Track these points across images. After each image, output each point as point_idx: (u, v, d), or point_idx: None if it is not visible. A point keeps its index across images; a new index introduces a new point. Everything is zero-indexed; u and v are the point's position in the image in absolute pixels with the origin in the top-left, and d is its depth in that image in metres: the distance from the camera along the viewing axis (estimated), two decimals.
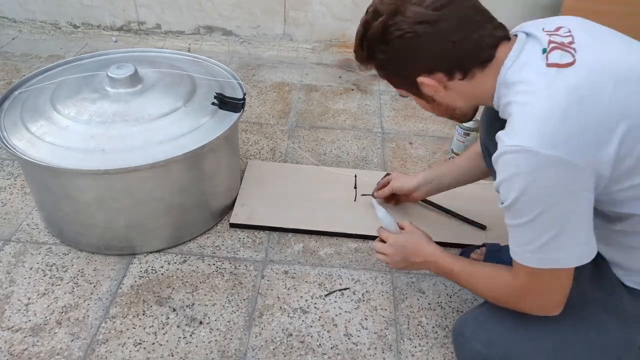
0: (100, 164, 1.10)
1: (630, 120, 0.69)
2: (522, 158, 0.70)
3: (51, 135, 1.16)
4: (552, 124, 0.69)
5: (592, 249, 0.76)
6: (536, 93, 0.72)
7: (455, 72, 0.80)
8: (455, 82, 0.82)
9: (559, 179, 0.69)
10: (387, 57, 0.82)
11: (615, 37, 0.80)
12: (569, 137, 0.68)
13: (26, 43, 2.32)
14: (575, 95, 0.70)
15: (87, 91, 1.25)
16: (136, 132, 1.17)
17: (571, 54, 0.73)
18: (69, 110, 1.20)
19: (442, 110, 0.90)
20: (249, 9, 2.27)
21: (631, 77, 0.72)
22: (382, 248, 1.07)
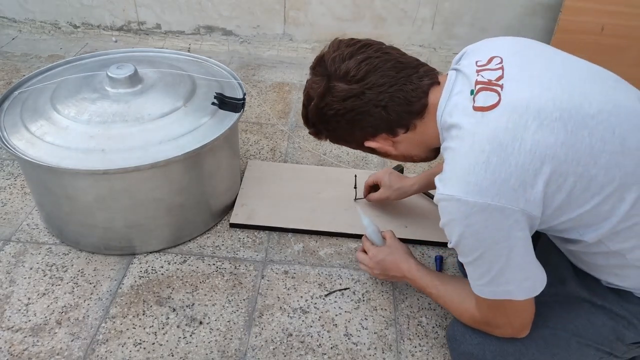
0: (100, 164, 1.10)
1: (555, 160, 0.71)
2: (453, 206, 0.75)
3: (51, 135, 1.16)
4: (477, 173, 0.72)
5: (537, 282, 0.80)
6: (463, 139, 0.76)
7: (396, 129, 0.86)
8: (401, 137, 0.87)
9: (490, 222, 0.73)
10: (331, 133, 0.91)
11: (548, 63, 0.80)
12: (493, 184, 0.71)
13: (26, 43, 2.33)
14: (497, 142, 0.72)
15: (87, 91, 1.25)
16: (136, 132, 1.17)
17: (497, 93, 0.76)
18: (68, 110, 1.20)
19: (402, 159, 0.95)
20: (249, 8, 2.27)
21: (554, 115, 0.72)
22: (363, 259, 1.13)
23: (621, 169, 0.73)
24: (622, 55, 2.04)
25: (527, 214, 0.73)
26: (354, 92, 0.82)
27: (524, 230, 0.74)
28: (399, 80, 0.82)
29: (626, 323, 0.84)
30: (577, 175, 0.72)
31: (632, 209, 0.74)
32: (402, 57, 0.85)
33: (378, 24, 2.28)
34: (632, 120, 0.75)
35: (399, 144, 0.89)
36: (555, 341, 0.86)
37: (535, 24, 2.21)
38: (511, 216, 0.72)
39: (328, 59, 0.84)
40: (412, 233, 1.35)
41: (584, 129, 0.72)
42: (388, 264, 1.07)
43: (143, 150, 1.14)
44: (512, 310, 0.83)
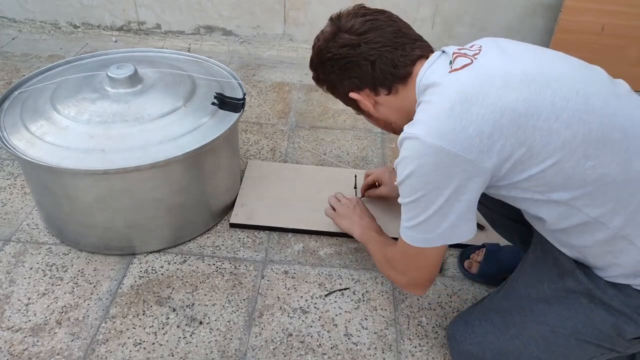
0: (100, 164, 1.10)
1: (515, 113, 0.74)
2: (412, 144, 0.79)
3: (51, 135, 1.16)
4: (440, 119, 0.77)
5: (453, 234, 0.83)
6: (434, 94, 0.81)
7: (379, 88, 0.91)
8: (383, 97, 0.92)
9: (440, 167, 0.77)
10: (326, 77, 0.96)
11: (522, 50, 0.86)
12: (452, 131, 0.76)
13: (26, 43, 2.33)
14: (463, 93, 0.77)
15: (87, 91, 1.25)
16: (136, 132, 1.17)
17: (470, 59, 0.82)
18: (68, 110, 1.20)
19: (382, 125, 1.00)
20: (249, 8, 2.27)
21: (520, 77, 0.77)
22: (335, 202, 1.27)
23: (584, 125, 0.74)
24: (622, 55, 2.04)
25: (478, 165, 0.76)
26: (351, 42, 0.89)
27: (468, 181, 0.78)
28: (393, 44, 0.88)
29: (626, 318, 0.84)
30: (537, 129, 0.74)
31: (598, 167, 0.75)
32: (406, 29, 0.91)
33: None
34: (599, 88, 0.79)
35: (380, 106, 0.94)
36: (555, 339, 0.86)
37: (535, 24, 2.21)
38: (460, 165, 0.76)
39: (345, 14, 0.92)
40: None
41: (547, 89, 0.76)
42: (357, 213, 1.20)
43: (143, 150, 1.14)
44: (420, 262, 0.90)
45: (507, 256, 1.23)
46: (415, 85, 0.88)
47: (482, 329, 0.94)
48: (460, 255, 1.30)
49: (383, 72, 0.89)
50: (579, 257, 0.87)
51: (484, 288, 1.24)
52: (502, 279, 1.20)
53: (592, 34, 2.03)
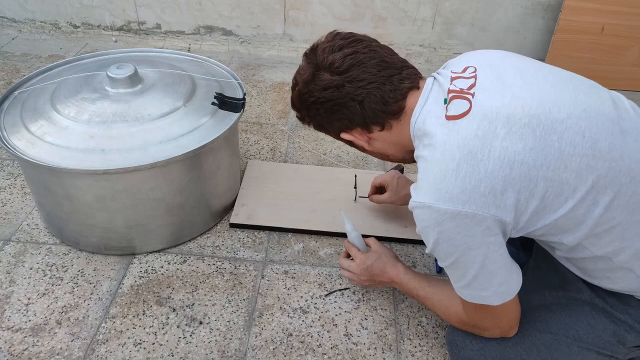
0: (100, 164, 1.10)
1: (524, 166, 0.72)
2: (425, 214, 0.76)
3: (51, 135, 1.16)
4: (447, 180, 0.74)
5: (512, 285, 0.81)
6: (435, 148, 0.77)
7: (372, 126, 0.87)
8: (377, 134, 0.89)
9: (462, 229, 0.74)
10: (312, 119, 0.93)
11: (520, 72, 0.81)
12: (464, 192, 0.73)
13: (26, 43, 2.33)
14: (467, 149, 0.74)
15: (87, 91, 1.25)
16: (136, 132, 1.17)
17: (468, 101, 0.77)
18: (69, 110, 1.20)
19: (379, 157, 0.97)
20: (249, 8, 2.27)
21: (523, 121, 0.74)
22: (349, 266, 1.11)
23: (593, 172, 0.73)
24: (622, 55, 2.04)
25: (498, 220, 0.74)
26: (334, 84, 0.84)
27: (496, 236, 0.76)
28: (379, 79, 0.83)
29: (627, 327, 0.84)
30: (547, 180, 0.73)
31: (607, 212, 0.74)
32: (389, 57, 0.86)
33: (378, 24, 2.28)
34: (603, 124, 0.75)
35: (374, 141, 0.91)
36: (556, 346, 0.86)
37: (535, 24, 2.21)
38: (482, 222, 0.74)
39: (320, 48, 0.87)
40: (412, 233, 1.35)
41: (552, 134, 0.73)
42: (376, 270, 1.06)
43: (143, 150, 1.14)
44: (495, 312, 0.84)
45: None
46: (409, 121, 0.84)
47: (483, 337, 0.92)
48: None
49: (373, 111, 0.84)
50: (578, 274, 0.88)
51: None
52: None
53: (592, 34, 2.03)
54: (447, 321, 0.95)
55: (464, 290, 0.83)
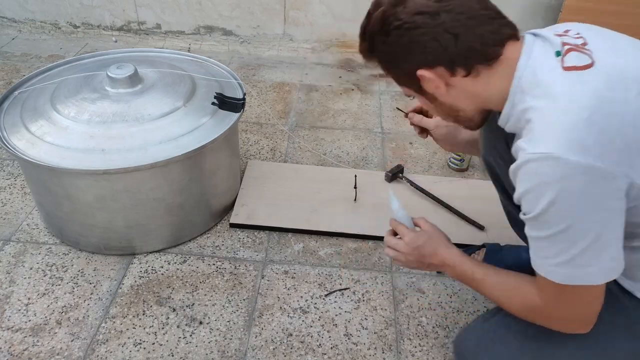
0: (100, 164, 1.10)
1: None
2: (549, 166, 0.66)
3: (51, 135, 1.16)
4: (580, 129, 0.65)
5: (620, 264, 0.71)
6: (557, 98, 0.68)
7: (458, 68, 0.75)
8: (458, 79, 0.76)
9: (590, 187, 0.65)
10: (387, 49, 0.79)
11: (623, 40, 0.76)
12: (598, 144, 0.64)
13: (26, 43, 2.32)
14: (600, 100, 0.66)
15: (87, 91, 1.25)
16: (136, 132, 1.17)
17: (588, 56, 0.70)
18: (69, 110, 1.20)
19: (446, 111, 0.84)
20: (249, 8, 2.27)
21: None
22: (396, 244, 0.95)
23: None
24: None
25: (629, 180, 0.65)
26: (429, 9, 0.73)
27: (621, 201, 0.67)
28: (481, 16, 0.73)
29: None
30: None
31: None
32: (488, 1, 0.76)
33: None
34: None
35: (452, 88, 0.78)
36: None
37: (535, 24, 2.21)
38: (613, 182, 0.65)
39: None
40: None
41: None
42: (427, 250, 0.93)
43: (143, 150, 1.14)
44: (583, 299, 0.73)
45: (507, 256, 1.22)
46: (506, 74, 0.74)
47: (495, 353, 0.86)
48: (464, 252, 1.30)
49: (468, 50, 0.73)
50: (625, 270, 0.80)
51: None
52: None
53: None
54: (507, 306, 0.83)
55: (558, 269, 0.71)
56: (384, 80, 2.17)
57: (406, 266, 0.98)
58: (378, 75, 2.21)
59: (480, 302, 1.20)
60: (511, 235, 1.09)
